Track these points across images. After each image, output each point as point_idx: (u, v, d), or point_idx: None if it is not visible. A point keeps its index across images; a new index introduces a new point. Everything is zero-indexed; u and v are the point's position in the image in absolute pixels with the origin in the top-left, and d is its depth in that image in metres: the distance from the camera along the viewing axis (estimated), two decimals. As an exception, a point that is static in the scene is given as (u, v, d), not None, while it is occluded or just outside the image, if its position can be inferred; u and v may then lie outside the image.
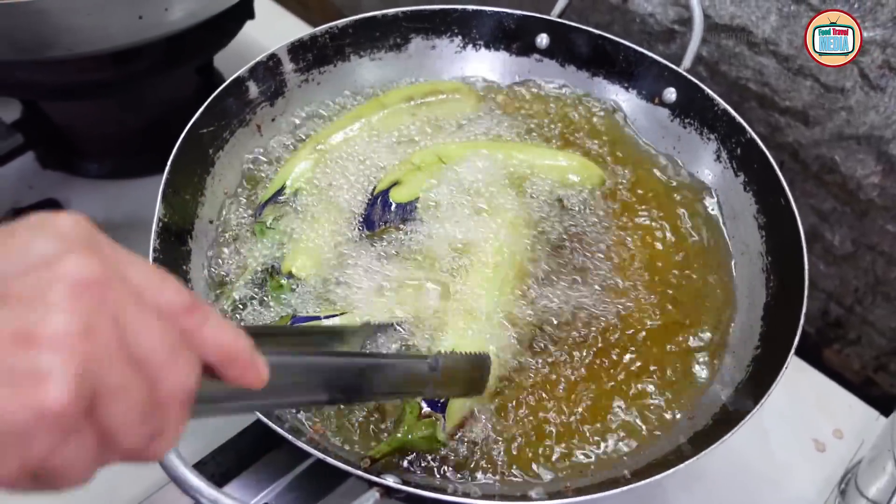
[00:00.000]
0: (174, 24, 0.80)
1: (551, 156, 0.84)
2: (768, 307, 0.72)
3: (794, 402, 0.88)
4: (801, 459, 0.84)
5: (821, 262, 1.05)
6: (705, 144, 0.85)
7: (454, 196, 0.77)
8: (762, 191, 0.78)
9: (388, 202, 0.75)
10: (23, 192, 1.01)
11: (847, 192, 0.97)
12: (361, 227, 0.76)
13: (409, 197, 0.76)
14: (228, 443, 0.76)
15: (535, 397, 0.68)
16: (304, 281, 0.72)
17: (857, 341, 1.07)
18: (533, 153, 0.84)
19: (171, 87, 1.00)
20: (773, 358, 0.65)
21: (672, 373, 0.70)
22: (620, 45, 0.88)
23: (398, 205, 0.76)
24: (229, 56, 1.01)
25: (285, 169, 0.79)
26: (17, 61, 0.84)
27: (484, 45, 0.93)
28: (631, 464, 0.64)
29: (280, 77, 0.85)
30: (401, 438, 0.62)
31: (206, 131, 0.77)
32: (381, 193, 0.76)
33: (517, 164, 0.81)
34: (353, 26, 0.88)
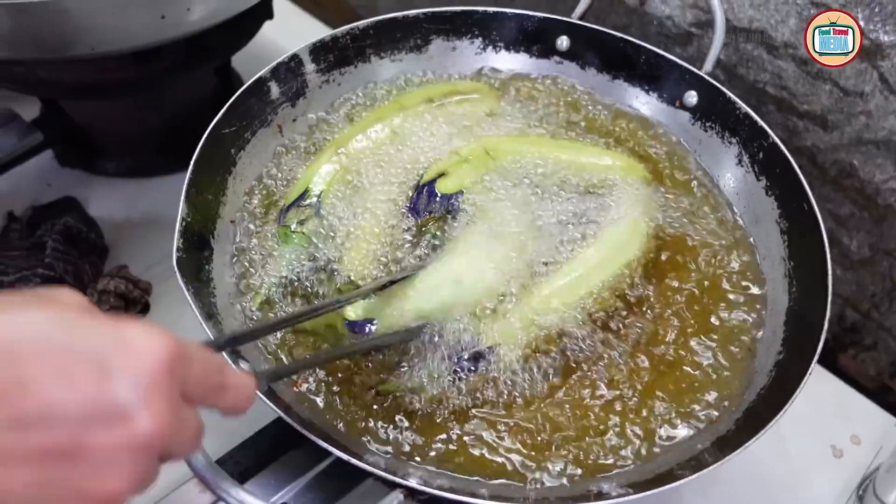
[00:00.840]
0: (195, 23, 0.80)
1: (598, 154, 0.84)
2: (791, 312, 0.72)
3: (812, 407, 0.87)
4: (818, 465, 0.84)
5: (837, 267, 1.05)
6: (727, 148, 0.85)
7: (500, 191, 0.78)
8: (784, 195, 0.78)
9: (434, 192, 0.76)
10: (41, 190, 1.01)
11: (865, 197, 0.97)
12: (407, 215, 0.76)
13: (455, 188, 0.77)
14: (248, 441, 0.76)
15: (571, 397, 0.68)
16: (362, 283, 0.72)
17: (874, 347, 1.07)
18: (579, 151, 0.84)
19: (189, 87, 1.00)
20: (795, 363, 0.65)
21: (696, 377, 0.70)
22: (642, 47, 0.88)
23: (443, 195, 0.76)
24: (246, 56, 1.02)
25: (308, 173, 0.79)
26: (39, 60, 0.85)
27: (504, 47, 0.93)
28: (651, 467, 0.64)
29: (301, 77, 0.85)
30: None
31: (229, 131, 0.77)
32: (428, 184, 0.77)
33: (565, 160, 0.81)
34: (374, 27, 0.88)
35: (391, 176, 0.80)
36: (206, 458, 0.52)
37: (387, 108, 0.86)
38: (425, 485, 0.57)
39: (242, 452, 0.76)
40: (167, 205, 0.72)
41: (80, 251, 0.89)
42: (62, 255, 0.86)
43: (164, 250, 0.69)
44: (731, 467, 0.80)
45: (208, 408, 0.41)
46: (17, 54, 0.77)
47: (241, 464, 0.75)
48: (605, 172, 0.82)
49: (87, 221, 0.94)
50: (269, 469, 0.75)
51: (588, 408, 0.68)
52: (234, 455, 0.76)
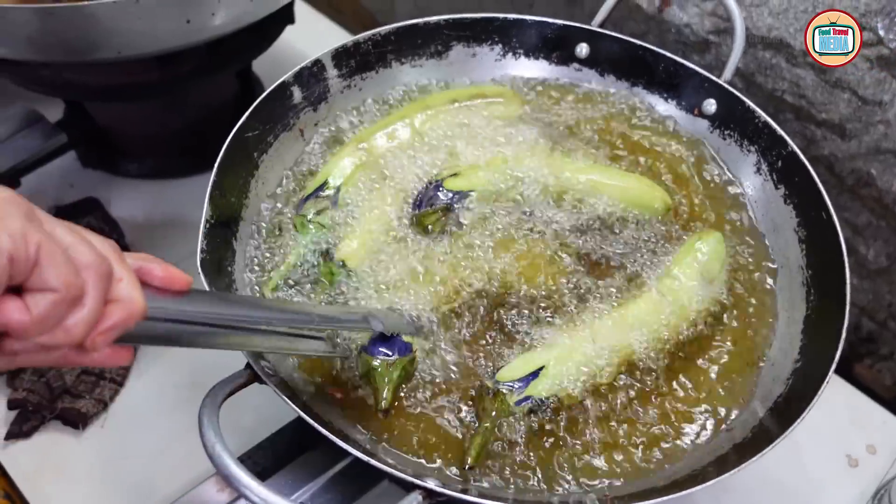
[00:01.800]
0: (219, 28, 0.81)
1: (619, 177, 0.83)
2: (808, 321, 0.72)
3: (827, 416, 0.88)
4: (833, 475, 0.84)
5: (854, 277, 1.05)
6: (745, 156, 0.85)
7: (510, 201, 0.80)
8: (803, 204, 0.78)
9: (440, 187, 0.78)
10: (64, 190, 1.02)
11: (883, 207, 0.97)
12: (412, 208, 0.78)
13: (463, 187, 0.78)
14: (266, 441, 0.77)
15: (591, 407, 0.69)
16: (354, 270, 0.73)
17: (890, 357, 1.07)
18: (601, 172, 0.83)
19: (211, 91, 1.01)
20: (812, 372, 0.65)
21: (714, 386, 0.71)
22: (661, 55, 0.89)
23: (449, 192, 0.77)
24: (266, 60, 1.03)
25: (328, 166, 0.81)
26: (66, 63, 0.86)
27: (524, 54, 0.94)
28: (668, 474, 0.64)
29: (324, 82, 0.86)
30: (487, 428, 0.64)
31: (252, 135, 0.78)
32: (437, 180, 0.79)
33: (583, 181, 0.81)
34: (395, 33, 0.88)
35: (409, 173, 0.81)
36: (229, 456, 0.53)
37: (411, 108, 0.87)
38: (444, 486, 0.58)
39: (261, 452, 0.77)
40: (188, 206, 0.73)
41: (102, 251, 0.90)
42: (85, 255, 0.87)
43: (184, 251, 0.71)
44: (746, 475, 0.80)
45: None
46: (44, 57, 0.79)
47: (260, 464, 0.76)
48: (627, 200, 0.81)
49: (108, 222, 0.96)
50: (286, 469, 0.76)
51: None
52: (253, 455, 0.77)
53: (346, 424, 0.66)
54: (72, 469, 0.80)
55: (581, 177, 0.81)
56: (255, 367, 0.60)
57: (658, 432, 0.67)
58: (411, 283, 0.73)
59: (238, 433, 0.78)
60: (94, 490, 0.79)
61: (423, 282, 0.73)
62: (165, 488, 0.78)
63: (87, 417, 0.81)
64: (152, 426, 0.83)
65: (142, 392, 0.86)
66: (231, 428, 0.77)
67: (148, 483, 0.79)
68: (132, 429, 0.83)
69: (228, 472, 0.53)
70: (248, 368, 0.60)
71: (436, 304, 0.72)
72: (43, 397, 0.80)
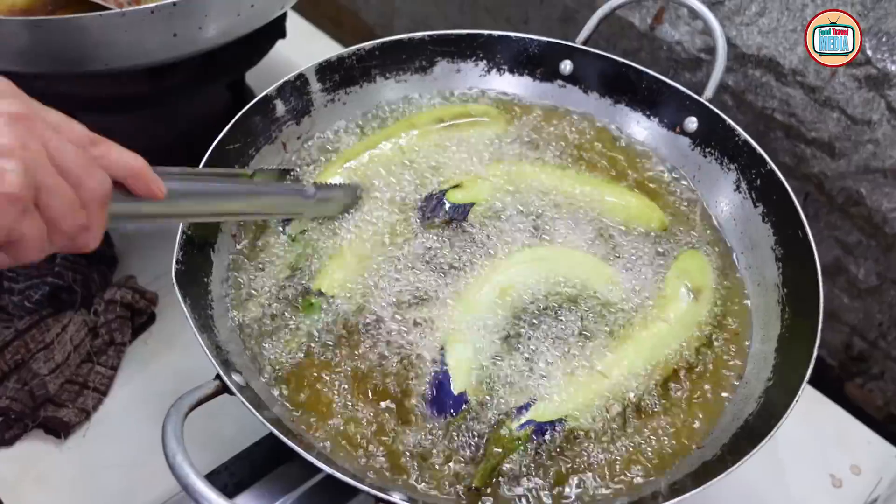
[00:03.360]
0: (208, 41, 0.82)
1: (619, 194, 0.84)
2: (782, 339, 0.72)
3: (812, 436, 0.87)
4: (817, 495, 0.83)
5: (845, 295, 1.04)
6: (725, 174, 0.85)
7: (513, 213, 0.81)
8: (781, 222, 0.78)
9: (442, 201, 0.79)
10: (57, 201, 1.03)
11: (873, 226, 0.96)
12: (416, 220, 0.79)
13: (464, 200, 0.79)
14: (243, 453, 0.78)
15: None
16: (334, 298, 0.74)
17: (881, 376, 1.06)
18: (601, 188, 0.84)
19: (202, 103, 1.02)
20: (785, 390, 0.65)
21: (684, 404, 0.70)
22: (643, 73, 0.89)
23: (451, 205, 0.79)
24: (261, 73, 1.03)
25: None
26: (57, 74, 0.87)
27: (508, 70, 0.94)
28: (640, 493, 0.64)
29: (307, 96, 0.86)
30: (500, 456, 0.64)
31: (233, 147, 0.78)
32: (439, 192, 0.80)
33: (583, 195, 0.83)
34: (380, 48, 0.89)
35: (395, 193, 0.82)
36: (195, 473, 0.53)
37: (396, 127, 0.88)
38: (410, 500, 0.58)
39: (238, 464, 0.77)
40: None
41: (90, 260, 0.91)
42: (71, 264, 0.88)
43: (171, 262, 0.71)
44: (729, 493, 0.80)
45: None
46: (34, 68, 0.80)
47: (236, 475, 0.76)
48: (627, 216, 0.82)
49: (98, 232, 0.96)
50: (263, 481, 0.76)
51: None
52: (230, 466, 0.77)
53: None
54: (53, 478, 0.80)
55: (580, 189, 0.82)
56: (224, 378, 0.60)
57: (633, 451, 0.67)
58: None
59: (215, 446, 0.79)
60: (74, 499, 0.79)
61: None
62: (146, 498, 0.78)
63: (70, 426, 0.82)
64: (134, 436, 0.83)
65: (125, 401, 0.86)
66: (208, 439, 0.79)
67: (129, 493, 0.79)
68: (114, 438, 0.83)
69: (191, 486, 0.53)
70: (217, 379, 0.61)
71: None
72: (25, 405, 0.81)
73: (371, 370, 0.70)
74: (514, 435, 0.65)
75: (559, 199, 0.83)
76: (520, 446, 0.65)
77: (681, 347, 0.73)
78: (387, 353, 0.71)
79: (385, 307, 0.73)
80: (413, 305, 0.73)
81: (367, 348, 0.71)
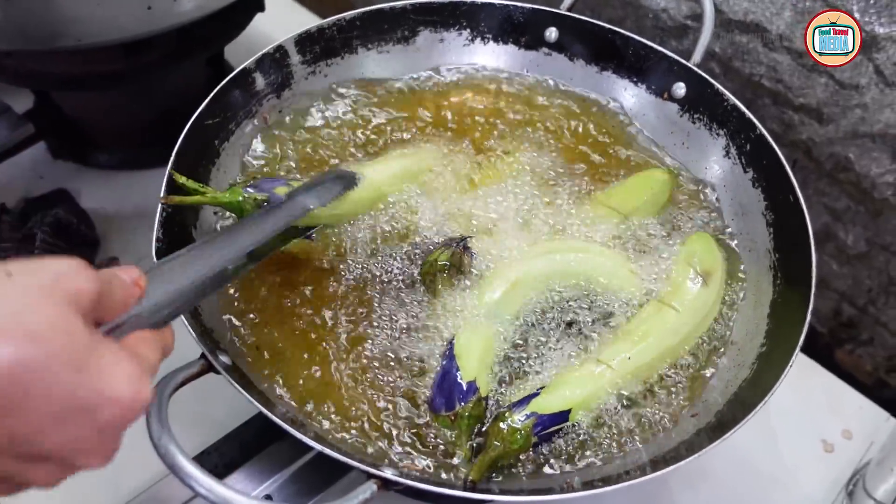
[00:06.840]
0: (183, 14, 0.80)
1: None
2: (775, 304, 0.71)
3: (804, 402, 0.87)
4: (808, 460, 0.84)
5: (834, 262, 1.04)
6: (714, 140, 0.84)
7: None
8: (771, 187, 0.77)
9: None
10: (34, 182, 1.01)
11: (861, 191, 0.96)
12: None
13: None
14: (233, 433, 0.77)
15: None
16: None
17: (870, 342, 1.06)
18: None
19: (181, 79, 1.00)
20: (778, 356, 0.64)
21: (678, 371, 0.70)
22: (630, 39, 0.87)
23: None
24: (241, 48, 1.01)
25: None
26: (28, 51, 0.85)
27: (492, 39, 0.92)
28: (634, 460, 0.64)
29: (287, 69, 0.84)
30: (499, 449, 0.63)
31: (212, 122, 0.76)
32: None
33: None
34: (360, 18, 0.87)
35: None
36: (181, 454, 0.52)
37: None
38: (400, 476, 0.57)
39: (227, 444, 0.76)
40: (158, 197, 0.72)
41: (71, 243, 0.89)
42: (51, 246, 0.86)
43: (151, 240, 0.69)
44: (721, 461, 0.80)
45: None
46: (5, 45, 0.78)
47: (227, 455, 0.76)
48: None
49: (77, 213, 0.95)
50: (253, 460, 0.76)
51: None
52: (220, 447, 0.76)
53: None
54: (38, 462, 0.79)
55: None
56: (209, 358, 0.59)
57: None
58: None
59: (208, 425, 0.78)
60: (61, 483, 0.78)
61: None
62: (130, 482, 0.77)
63: (54, 410, 0.81)
64: (119, 419, 0.82)
65: (109, 384, 0.85)
66: (198, 419, 0.78)
67: (113, 478, 0.78)
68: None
69: (178, 466, 0.52)
70: (202, 358, 0.60)
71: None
72: (8, 390, 0.80)
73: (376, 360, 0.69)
74: (513, 427, 0.63)
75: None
76: (520, 440, 0.63)
77: (691, 334, 0.71)
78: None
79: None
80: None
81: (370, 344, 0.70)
